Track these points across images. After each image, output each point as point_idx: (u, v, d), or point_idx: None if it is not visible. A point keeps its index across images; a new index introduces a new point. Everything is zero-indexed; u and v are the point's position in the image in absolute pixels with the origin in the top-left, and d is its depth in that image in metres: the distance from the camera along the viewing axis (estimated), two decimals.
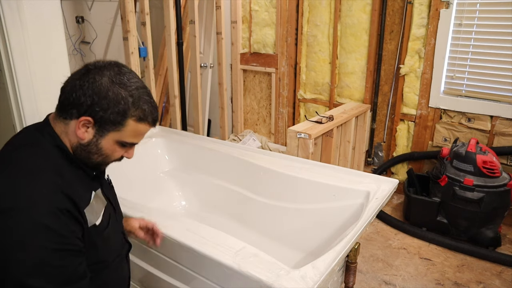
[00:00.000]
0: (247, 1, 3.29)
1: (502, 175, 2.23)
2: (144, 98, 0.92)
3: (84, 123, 0.89)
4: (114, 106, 0.88)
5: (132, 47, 2.46)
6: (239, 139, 3.50)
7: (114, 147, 0.94)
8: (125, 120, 0.90)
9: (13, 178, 0.82)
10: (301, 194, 1.74)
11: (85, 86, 0.87)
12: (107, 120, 0.88)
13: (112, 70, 0.90)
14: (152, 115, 0.95)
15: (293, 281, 1.00)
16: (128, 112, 0.90)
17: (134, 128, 0.92)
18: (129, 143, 0.95)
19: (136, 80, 0.93)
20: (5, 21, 1.38)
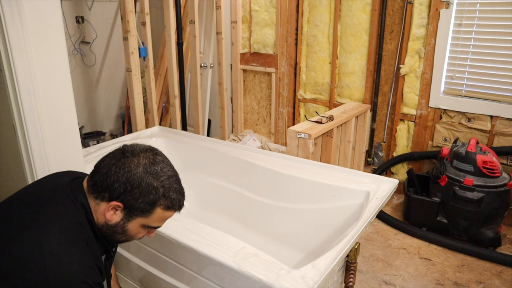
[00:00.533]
0: (247, 1, 3.29)
1: (502, 175, 2.23)
2: (173, 187, 0.96)
3: (114, 207, 0.92)
4: (145, 196, 0.92)
5: (132, 47, 2.46)
6: (239, 139, 3.50)
7: (139, 229, 0.98)
8: (154, 209, 0.94)
9: (58, 244, 0.84)
10: (301, 194, 1.74)
11: (120, 173, 0.91)
12: (136, 208, 0.93)
13: (148, 158, 0.94)
14: (179, 203, 0.99)
15: (293, 281, 1.00)
16: (158, 202, 0.94)
17: (161, 215, 0.96)
18: (154, 227, 1.00)
19: (168, 169, 0.97)
20: (5, 21, 1.38)
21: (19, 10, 1.40)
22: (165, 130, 2.33)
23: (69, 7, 3.34)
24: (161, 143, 2.20)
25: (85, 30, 3.49)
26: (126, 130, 3.61)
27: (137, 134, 2.26)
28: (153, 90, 2.73)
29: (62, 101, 1.50)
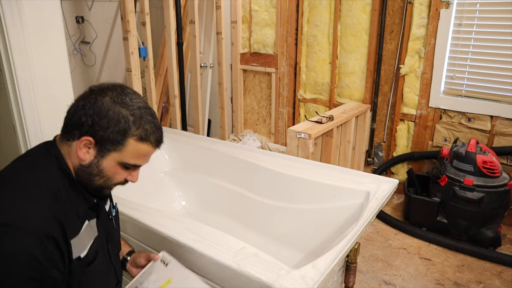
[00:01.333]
0: (247, 1, 3.29)
1: (502, 175, 2.23)
2: (146, 117, 0.90)
3: (85, 144, 0.88)
4: (114, 125, 0.87)
5: (132, 47, 2.46)
6: (239, 139, 3.50)
7: (115, 168, 0.91)
8: (126, 140, 0.88)
9: (11, 195, 0.81)
10: (301, 194, 1.74)
11: (87, 106, 0.87)
12: (107, 139, 0.87)
13: (115, 90, 0.90)
14: (154, 135, 0.92)
15: (293, 281, 1.00)
16: (129, 131, 0.88)
17: (135, 149, 0.90)
18: (131, 165, 0.92)
19: (139, 100, 0.92)
20: (5, 21, 1.38)
21: (19, 10, 1.40)
22: (165, 130, 2.32)
23: (69, 7, 3.34)
24: None
25: (85, 30, 3.49)
26: None
27: None
28: (153, 90, 2.73)
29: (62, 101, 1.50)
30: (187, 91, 3.47)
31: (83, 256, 0.89)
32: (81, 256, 0.88)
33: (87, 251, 0.91)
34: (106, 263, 1.02)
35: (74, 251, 0.86)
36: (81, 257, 0.89)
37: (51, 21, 1.48)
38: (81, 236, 0.89)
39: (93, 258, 0.93)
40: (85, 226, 0.92)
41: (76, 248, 0.87)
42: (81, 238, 0.89)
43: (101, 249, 0.99)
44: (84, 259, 0.90)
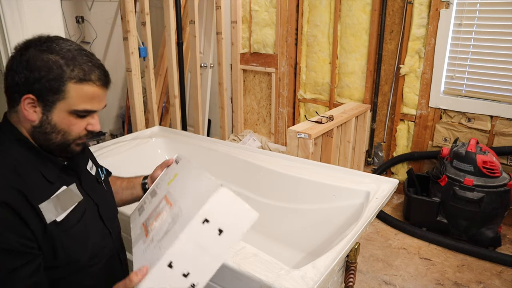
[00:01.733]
0: (247, 1, 3.29)
1: (502, 175, 2.23)
2: (81, 58, 0.85)
3: (28, 103, 0.84)
4: (46, 73, 0.82)
5: (132, 47, 2.46)
6: (239, 139, 3.50)
7: (68, 119, 0.86)
8: (64, 85, 0.83)
9: None
10: (301, 194, 1.74)
11: (14, 64, 0.83)
12: (45, 90, 0.82)
13: (39, 41, 0.85)
14: (95, 73, 0.85)
15: (293, 281, 1.00)
16: (64, 75, 0.82)
17: (78, 92, 0.84)
18: (82, 111, 0.86)
19: (70, 44, 0.86)
20: (5, 21, 1.38)
21: (19, 10, 1.40)
22: (165, 130, 2.32)
23: (69, 7, 3.34)
24: (161, 143, 2.20)
25: (85, 30, 3.49)
26: (126, 130, 3.61)
27: (137, 134, 2.26)
28: (153, 90, 2.73)
29: None
30: (187, 91, 3.47)
31: (61, 220, 0.86)
32: (57, 220, 0.85)
33: (65, 215, 0.88)
34: (97, 226, 0.99)
35: (46, 215, 0.83)
36: (58, 221, 0.85)
37: (51, 21, 1.48)
38: (54, 201, 0.86)
39: (77, 221, 0.91)
40: (62, 191, 0.89)
41: (49, 212, 0.84)
42: (53, 203, 0.86)
43: (90, 212, 0.96)
44: (63, 223, 0.87)
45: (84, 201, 0.94)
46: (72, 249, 0.88)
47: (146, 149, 2.12)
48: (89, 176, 1.04)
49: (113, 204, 1.11)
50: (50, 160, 0.90)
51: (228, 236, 0.74)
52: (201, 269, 0.72)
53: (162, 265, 0.72)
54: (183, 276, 0.71)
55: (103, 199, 1.04)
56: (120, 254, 1.07)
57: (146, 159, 2.10)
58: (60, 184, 0.90)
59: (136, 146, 2.08)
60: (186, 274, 0.71)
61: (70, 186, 0.92)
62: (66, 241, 0.87)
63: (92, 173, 1.06)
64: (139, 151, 2.08)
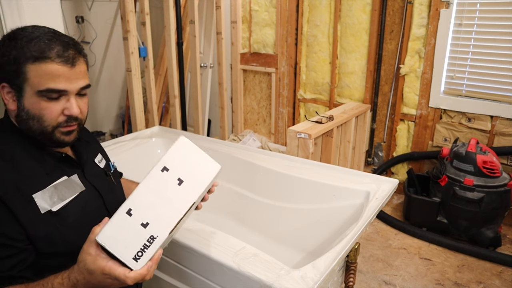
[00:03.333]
0: (247, 1, 3.29)
1: (502, 175, 2.23)
2: (38, 38, 0.83)
3: (7, 92, 0.86)
4: (7, 58, 0.82)
5: (132, 47, 2.46)
6: (239, 139, 3.50)
7: (38, 103, 0.84)
8: (23, 67, 0.82)
9: None
10: (301, 194, 1.74)
11: None
12: (10, 75, 0.83)
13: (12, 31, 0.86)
14: (53, 50, 0.83)
15: (293, 281, 1.00)
16: (21, 57, 0.82)
17: (39, 72, 0.82)
18: (45, 91, 0.83)
19: (38, 29, 0.85)
20: (5, 21, 1.38)
21: (19, 10, 1.40)
22: (165, 130, 2.32)
23: (69, 7, 3.34)
24: (161, 143, 2.20)
25: (85, 30, 3.49)
26: (126, 130, 3.61)
27: (137, 134, 2.26)
28: (153, 90, 2.73)
29: None
30: (187, 91, 3.47)
31: (57, 210, 0.87)
32: (52, 210, 0.86)
33: (63, 204, 0.88)
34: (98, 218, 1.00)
35: (40, 205, 0.84)
36: (53, 211, 0.86)
37: (51, 21, 1.48)
38: (50, 191, 0.87)
39: (76, 211, 0.91)
40: (61, 181, 0.90)
41: (43, 202, 0.84)
42: (49, 193, 0.86)
43: (94, 203, 0.97)
44: (61, 212, 0.87)
45: (86, 192, 0.95)
46: (72, 238, 0.88)
47: (146, 149, 2.12)
48: (97, 168, 1.05)
49: (122, 198, 1.12)
50: (46, 151, 0.91)
51: (189, 187, 0.74)
52: (160, 220, 0.72)
53: (121, 212, 0.73)
54: (142, 226, 0.71)
55: (110, 192, 1.05)
56: None
57: (146, 159, 2.10)
58: (59, 174, 0.91)
59: (136, 146, 2.08)
60: (145, 224, 0.71)
61: (71, 177, 0.93)
62: (65, 230, 0.87)
63: (101, 166, 1.07)
64: (139, 151, 2.08)
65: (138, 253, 0.69)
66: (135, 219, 0.72)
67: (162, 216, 0.72)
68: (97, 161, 1.07)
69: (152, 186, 0.74)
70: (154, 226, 0.70)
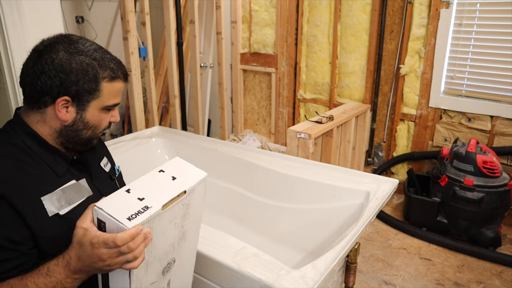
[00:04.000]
0: (247, 1, 3.29)
1: (502, 175, 2.23)
2: (107, 57, 0.91)
3: (63, 104, 0.87)
4: (83, 75, 0.87)
5: (132, 47, 2.46)
6: (239, 139, 3.50)
7: (100, 115, 0.93)
8: (99, 85, 0.89)
9: None
10: (301, 194, 1.74)
11: (46, 68, 0.85)
12: (83, 91, 0.87)
13: (63, 42, 0.88)
14: (121, 70, 0.94)
15: (293, 281, 1.00)
16: (99, 76, 0.89)
17: (110, 90, 0.92)
18: (112, 106, 0.94)
19: (91, 43, 0.91)
20: (5, 21, 1.38)
21: (19, 10, 1.40)
22: (165, 130, 2.32)
23: (69, 7, 3.34)
24: (161, 143, 2.20)
25: (85, 30, 3.49)
26: (126, 130, 3.61)
27: (137, 134, 2.26)
28: (153, 90, 2.73)
29: None
30: (187, 91, 3.47)
31: (64, 214, 0.87)
32: (60, 213, 0.86)
33: (71, 208, 0.89)
34: None
35: (48, 208, 0.84)
36: (61, 215, 0.86)
37: (51, 21, 1.48)
38: (58, 194, 0.87)
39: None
40: (70, 185, 0.90)
41: (51, 205, 0.85)
42: (57, 196, 0.87)
43: None
44: (68, 216, 0.88)
45: (93, 197, 0.95)
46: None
47: (146, 149, 2.12)
48: (102, 172, 1.05)
49: None
50: (59, 154, 0.92)
51: (181, 182, 0.84)
52: (155, 197, 0.78)
53: (121, 190, 0.79)
54: (138, 199, 0.77)
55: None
56: None
57: (146, 159, 2.10)
58: (69, 178, 0.92)
59: (136, 146, 2.08)
60: (141, 199, 0.77)
61: (80, 181, 0.94)
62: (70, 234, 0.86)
63: (106, 169, 1.07)
64: (139, 151, 2.08)
65: (131, 215, 0.73)
66: (132, 195, 0.78)
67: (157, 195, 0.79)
68: (103, 165, 1.08)
69: (149, 179, 0.84)
70: (149, 200, 0.77)
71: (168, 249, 0.87)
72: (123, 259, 0.74)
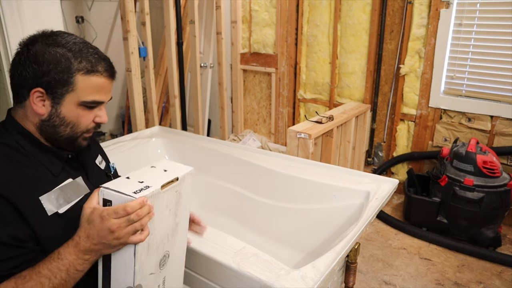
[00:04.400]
0: (247, 1, 3.29)
1: (502, 175, 2.23)
2: (87, 50, 0.87)
3: (37, 96, 0.85)
4: (55, 66, 0.84)
5: (132, 47, 2.46)
6: (239, 139, 3.50)
7: (77, 111, 0.88)
8: (73, 77, 0.85)
9: None
10: (301, 194, 1.74)
11: (22, 59, 0.85)
12: (54, 83, 0.84)
13: (44, 35, 0.87)
14: (101, 64, 0.88)
15: (293, 281, 1.00)
16: (72, 67, 0.84)
17: (87, 84, 0.86)
18: (90, 102, 0.88)
19: (74, 37, 0.88)
20: (5, 21, 1.38)
21: (19, 10, 1.40)
22: (165, 130, 2.33)
23: (69, 7, 3.34)
24: (161, 143, 2.20)
25: (85, 30, 3.49)
26: (126, 130, 3.61)
27: (137, 134, 2.26)
28: (153, 90, 2.73)
29: None
30: (187, 91, 3.47)
31: (63, 212, 0.87)
32: (59, 212, 0.86)
33: (69, 206, 0.88)
34: None
35: (47, 207, 0.84)
36: (60, 213, 0.86)
37: (51, 21, 1.48)
38: (56, 193, 0.87)
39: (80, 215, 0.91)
40: (66, 183, 0.90)
41: (50, 204, 0.85)
42: (55, 195, 0.86)
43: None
44: (67, 214, 0.87)
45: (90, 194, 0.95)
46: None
47: (146, 149, 2.12)
48: (98, 170, 1.05)
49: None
50: (54, 153, 0.91)
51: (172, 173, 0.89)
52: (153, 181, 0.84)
53: (122, 178, 0.85)
54: (139, 182, 0.83)
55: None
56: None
57: (146, 159, 2.10)
58: (65, 176, 0.91)
59: (136, 146, 2.08)
60: (141, 182, 0.83)
61: (76, 179, 0.93)
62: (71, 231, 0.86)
63: (101, 167, 1.07)
64: (139, 151, 2.08)
65: (136, 191, 0.79)
66: (132, 180, 0.84)
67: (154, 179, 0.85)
68: (98, 162, 1.07)
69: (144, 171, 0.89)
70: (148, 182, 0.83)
71: (164, 238, 0.90)
72: (132, 228, 0.77)
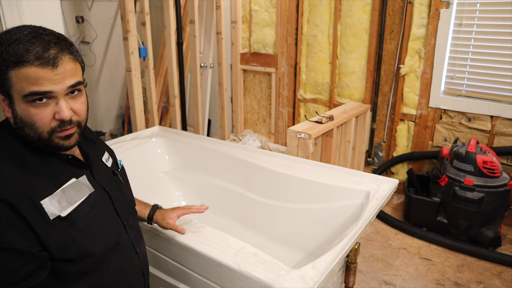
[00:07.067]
0: (247, 1, 3.29)
1: (502, 175, 2.23)
2: (17, 40, 0.78)
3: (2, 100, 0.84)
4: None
5: (132, 47, 2.46)
6: (239, 139, 3.50)
7: (27, 109, 0.81)
8: (7, 73, 0.79)
9: None
10: (301, 194, 1.74)
11: None
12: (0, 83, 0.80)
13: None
14: (30, 53, 0.78)
15: (293, 281, 1.00)
16: (4, 63, 0.78)
17: (20, 76, 0.78)
18: (29, 94, 0.79)
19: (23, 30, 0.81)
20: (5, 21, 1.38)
21: (19, 10, 1.40)
22: (165, 130, 2.32)
23: (69, 7, 3.34)
24: (161, 143, 2.20)
25: (85, 30, 3.49)
26: (126, 130, 3.61)
27: (137, 134, 2.26)
28: (153, 90, 2.73)
29: None
30: (187, 91, 3.47)
31: (66, 215, 0.84)
32: (61, 216, 0.83)
33: (72, 208, 0.86)
34: (111, 219, 0.97)
35: (49, 211, 0.82)
36: (63, 217, 0.84)
37: (51, 21, 1.48)
38: (59, 195, 0.85)
39: (86, 214, 0.88)
40: (69, 184, 0.88)
41: (52, 208, 0.82)
42: (57, 198, 0.84)
43: (102, 205, 0.95)
44: (70, 217, 0.85)
45: (96, 194, 0.93)
46: (82, 242, 0.87)
47: (146, 149, 2.12)
48: (104, 167, 1.03)
49: (129, 197, 1.11)
50: (53, 154, 0.89)
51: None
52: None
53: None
54: None
55: (119, 192, 1.03)
56: (135, 246, 1.04)
57: (146, 159, 2.10)
58: (67, 176, 0.89)
59: (136, 146, 2.08)
60: None
61: (80, 178, 0.91)
62: (75, 234, 0.85)
63: (108, 164, 1.05)
64: (139, 151, 2.08)
65: None
66: None
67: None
68: (104, 160, 1.05)
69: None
70: None
71: None
72: None
